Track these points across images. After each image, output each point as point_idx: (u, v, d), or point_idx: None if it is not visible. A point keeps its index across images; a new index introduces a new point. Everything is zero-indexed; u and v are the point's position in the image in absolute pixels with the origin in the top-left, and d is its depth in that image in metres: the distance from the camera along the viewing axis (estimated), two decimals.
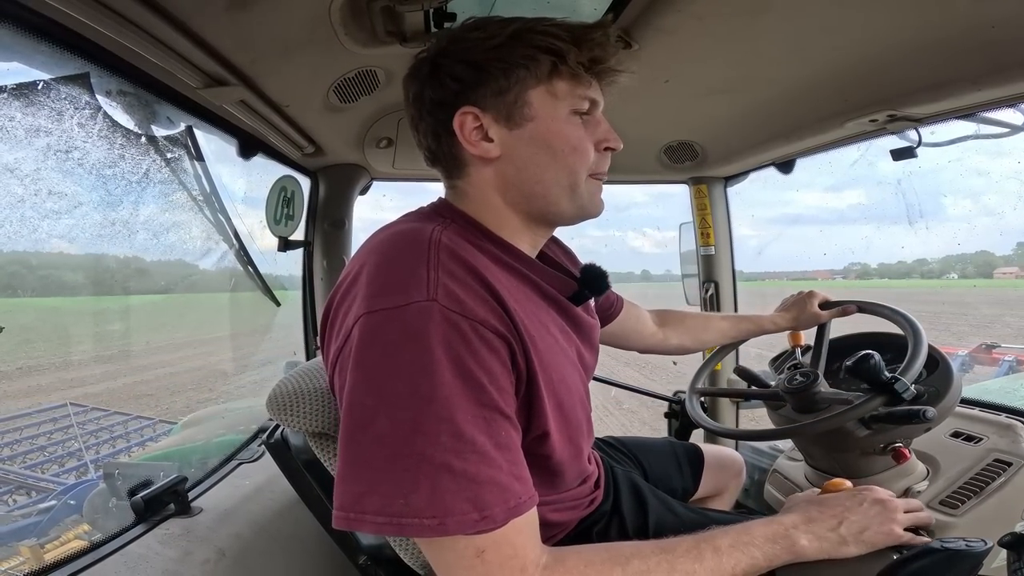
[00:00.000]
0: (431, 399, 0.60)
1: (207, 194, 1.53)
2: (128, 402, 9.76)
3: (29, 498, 3.00)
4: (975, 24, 1.10)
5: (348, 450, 0.63)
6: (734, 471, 1.56)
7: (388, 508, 0.59)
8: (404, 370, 0.61)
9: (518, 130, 0.77)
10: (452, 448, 0.60)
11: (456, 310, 0.63)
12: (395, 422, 0.60)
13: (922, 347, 1.28)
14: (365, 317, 0.64)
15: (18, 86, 0.94)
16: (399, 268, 0.67)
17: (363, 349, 0.63)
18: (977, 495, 1.32)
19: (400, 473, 0.59)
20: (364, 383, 0.62)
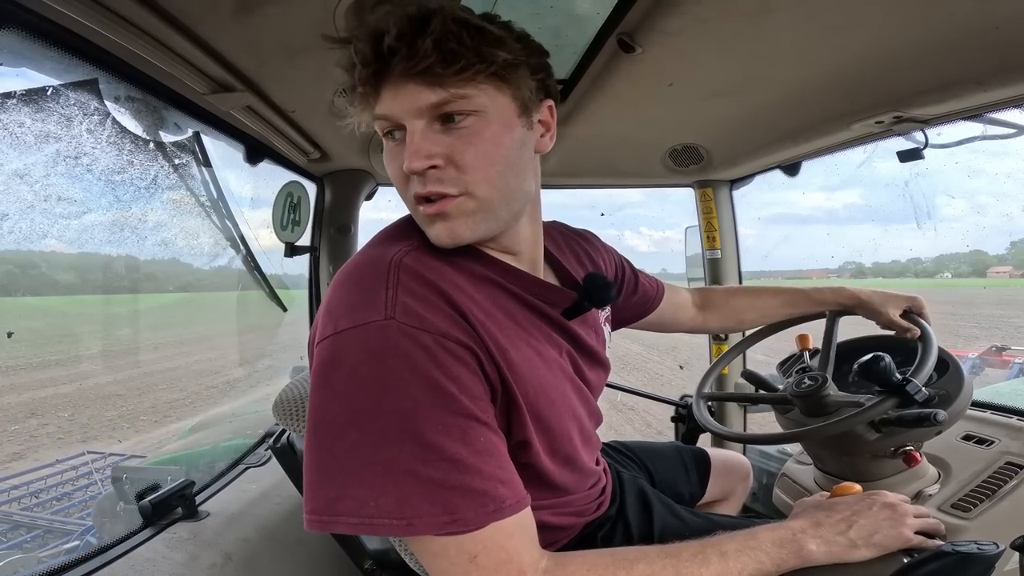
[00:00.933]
0: (394, 412, 0.62)
1: (214, 200, 1.54)
2: (96, 402, 9.86)
3: (57, 540, 3.08)
4: (981, 25, 1.10)
5: (319, 459, 0.65)
6: (741, 475, 1.56)
7: (360, 510, 0.61)
8: (367, 387, 0.63)
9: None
10: (418, 456, 0.62)
11: (416, 325, 0.65)
12: (363, 433, 0.62)
13: (932, 349, 1.27)
14: (331, 338, 0.67)
15: (27, 91, 0.95)
16: (360, 291, 0.70)
17: (329, 368, 0.66)
18: (989, 498, 1.30)
19: (370, 478, 0.62)
20: (333, 400, 0.65)
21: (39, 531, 3.08)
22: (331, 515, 0.62)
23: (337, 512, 0.62)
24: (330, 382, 0.65)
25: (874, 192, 72.70)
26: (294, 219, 1.91)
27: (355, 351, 0.65)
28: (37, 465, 4.16)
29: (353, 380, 0.64)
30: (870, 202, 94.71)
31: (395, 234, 0.82)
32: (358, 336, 0.65)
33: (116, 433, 8.27)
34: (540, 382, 0.78)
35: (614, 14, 1.28)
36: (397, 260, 0.72)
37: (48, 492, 3.82)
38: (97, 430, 8.51)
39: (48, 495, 3.78)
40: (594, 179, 2.38)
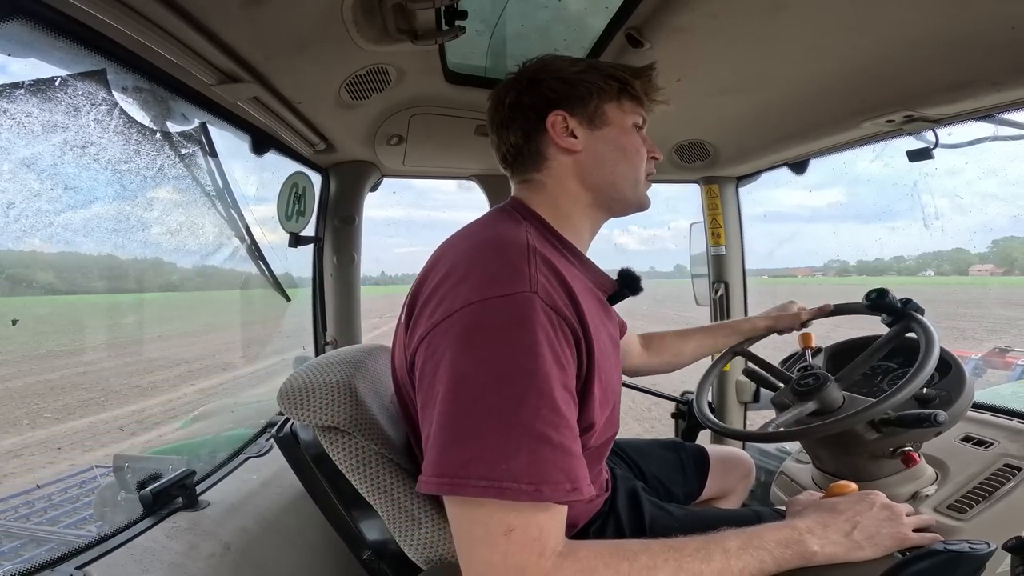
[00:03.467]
0: (534, 375, 0.67)
1: (220, 189, 1.55)
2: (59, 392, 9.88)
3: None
4: (995, 24, 1.09)
5: (453, 421, 0.67)
6: (742, 472, 1.56)
7: (491, 473, 0.64)
8: (512, 350, 0.68)
9: (599, 131, 0.96)
10: (550, 421, 0.66)
11: (549, 304, 0.72)
12: (502, 396, 0.66)
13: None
14: (477, 304, 0.71)
15: (36, 82, 0.95)
16: (506, 264, 0.76)
17: (473, 330, 0.70)
18: (986, 500, 1.31)
19: (504, 441, 0.65)
20: (473, 361, 0.68)
21: (52, 545, 3.13)
22: (461, 477, 0.64)
23: (468, 475, 0.64)
24: (473, 345, 0.69)
25: (856, 190, 72.87)
26: (299, 209, 1.92)
27: (501, 316, 0.70)
28: (46, 481, 4.20)
29: (497, 343, 0.68)
30: (853, 200, 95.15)
31: (506, 219, 0.93)
32: (505, 304, 0.70)
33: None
34: (610, 369, 0.86)
35: (623, 9, 1.28)
36: (532, 244, 0.80)
37: (56, 508, 3.86)
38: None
39: (57, 511, 3.82)
40: None
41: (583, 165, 0.96)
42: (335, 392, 0.93)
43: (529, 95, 0.96)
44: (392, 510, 0.90)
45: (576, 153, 0.95)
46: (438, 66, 1.53)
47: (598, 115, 0.96)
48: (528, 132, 0.96)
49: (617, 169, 0.98)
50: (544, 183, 0.97)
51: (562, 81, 0.96)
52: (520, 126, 0.97)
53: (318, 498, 1.01)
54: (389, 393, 1.13)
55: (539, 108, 0.95)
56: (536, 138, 0.96)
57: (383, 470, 0.91)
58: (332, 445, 0.92)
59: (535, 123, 0.95)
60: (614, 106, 0.98)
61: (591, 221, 1.01)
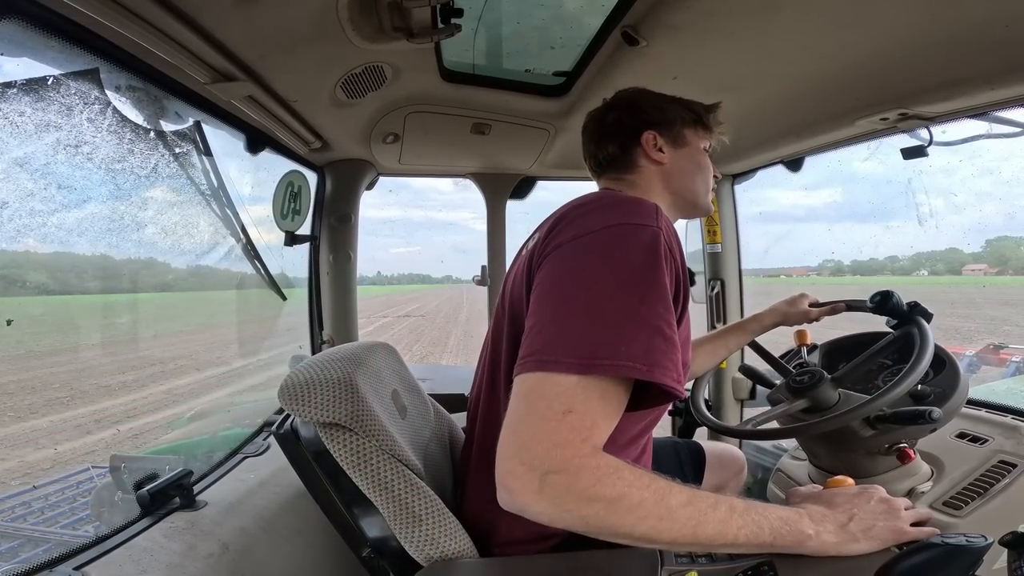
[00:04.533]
0: (654, 284, 0.79)
1: (214, 188, 1.54)
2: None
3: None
4: (989, 22, 1.09)
5: (588, 314, 0.77)
6: (735, 469, 1.57)
7: (615, 354, 0.73)
8: (639, 263, 0.80)
9: (681, 150, 1.17)
10: (665, 319, 0.77)
11: (667, 245, 0.84)
12: (628, 295, 0.77)
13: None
14: (614, 227, 0.84)
15: (28, 81, 0.94)
16: (637, 208, 0.88)
17: (611, 246, 0.82)
18: (981, 496, 1.32)
19: (627, 330, 0.75)
20: (608, 269, 0.80)
21: (49, 545, 3.12)
22: (591, 357, 0.72)
23: (596, 355, 0.72)
24: (610, 256, 0.81)
25: (850, 189, 72.81)
26: (294, 208, 1.91)
27: (636, 238, 0.82)
28: (42, 482, 4.18)
29: (630, 257, 0.80)
30: (848, 199, 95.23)
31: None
32: (638, 230, 0.83)
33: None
34: (687, 324, 1.01)
35: (619, 7, 1.28)
36: (658, 207, 0.90)
37: (54, 508, 3.84)
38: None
39: (54, 511, 3.80)
40: None
41: (667, 174, 1.16)
42: (336, 388, 0.93)
43: (628, 116, 1.17)
44: (393, 507, 0.90)
45: (662, 165, 1.15)
46: (434, 64, 1.53)
47: (680, 137, 1.17)
48: (625, 145, 1.16)
49: (694, 180, 1.19)
50: (635, 182, 1.16)
51: (655, 108, 1.17)
52: (619, 140, 1.17)
53: (318, 495, 1.01)
54: (389, 390, 1.14)
55: (636, 127, 1.15)
56: (631, 150, 1.16)
57: (384, 467, 0.91)
58: (333, 441, 0.92)
59: (631, 138, 1.16)
60: (691, 131, 1.19)
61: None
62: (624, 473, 0.71)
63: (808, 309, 1.58)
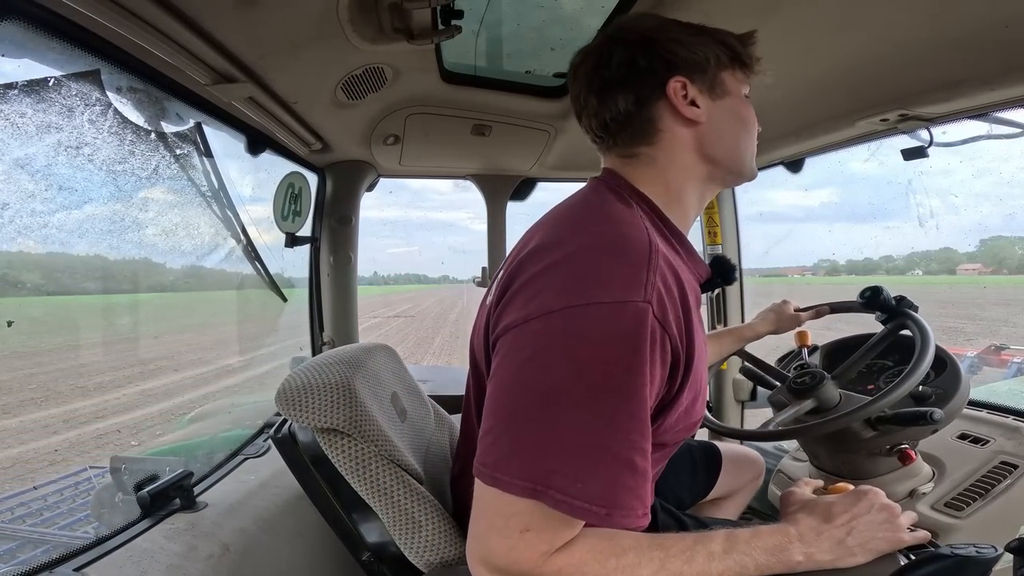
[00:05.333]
0: (630, 397, 0.64)
1: (215, 190, 1.54)
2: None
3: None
4: (989, 23, 1.09)
5: (542, 428, 0.65)
6: (753, 473, 1.54)
7: (568, 488, 0.62)
8: (612, 366, 0.64)
9: (720, 101, 0.88)
10: (638, 446, 0.64)
11: (659, 318, 0.67)
12: (593, 413, 0.63)
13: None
14: (583, 308, 0.66)
15: (30, 82, 0.94)
16: (623, 266, 0.69)
17: (575, 338, 0.65)
18: (983, 497, 1.31)
19: (586, 461, 0.63)
20: (568, 370, 0.64)
21: (48, 546, 3.12)
22: (544, 485, 0.63)
23: (550, 484, 0.63)
24: (573, 353, 0.65)
25: (848, 190, 72.70)
26: (295, 210, 1.91)
27: (608, 328, 0.65)
28: (40, 482, 4.19)
29: (598, 356, 0.64)
30: (846, 200, 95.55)
31: (614, 200, 0.84)
32: (614, 313, 0.65)
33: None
34: (703, 366, 0.81)
35: (618, 8, 1.28)
36: (655, 245, 0.72)
37: (52, 509, 3.84)
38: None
39: (52, 512, 3.80)
40: (595, 173, 2.38)
41: (705, 137, 0.88)
42: (334, 393, 0.93)
43: (645, 56, 0.85)
44: (392, 512, 0.90)
45: (697, 124, 0.87)
46: (434, 65, 1.53)
47: (718, 83, 0.88)
48: (643, 98, 0.86)
49: (740, 141, 0.93)
50: (654, 158, 0.88)
51: (681, 44, 0.86)
52: (634, 90, 0.85)
53: (317, 500, 1.01)
54: (389, 393, 1.13)
55: (658, 72, 0.85)
56: (652, 105, 0.86)
57: (383, 472, 0.91)
58: (331, 447, 0.92)
59: (653, 88, 0.85)
60: (729, 74, 0.90)
61: (701, 198, 0.94)
62: (588, 564, 0.68)
63: (797, 314, 1.59)
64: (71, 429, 7.98)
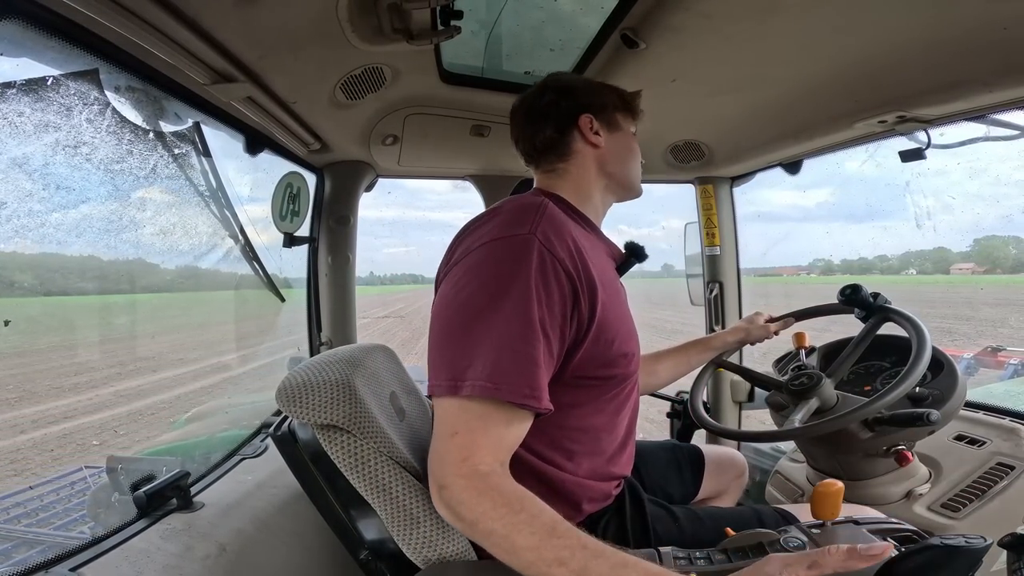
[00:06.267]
0: (516, 298, 0.82)
1: (213, 190, 1.54)
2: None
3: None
4: (987, 25, 1.09)
5: (459, 336, 0.84)
6: (736, 472, 1.56)
7: (474, 376, 0.79)
8: (503, 277, 0.85)
9: (615, 133, 1.20)
10: (520, 334, 0.81)
11: (546, 246, 0.88)
12: (494, 312, 0.82)
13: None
14: (487, 244, 0.90)
15: (28, 81, 0.94)
16: (515, 215, 0.94)
17: (479, 265, 0.88)
18: (979, 498, 1.32)
19: (475, 346, 0.81)
20: (479, 288, 0.86)
21: (44, 547, 3.11)
22: (460, 380, 0.80)
23: (464, 378, 0.79)
24: (478, 273, 0.87)
25: (845, 191, 72.82)
26: (293, 209, 1.91)
27: (501, 251, 0.88)
28: (36, 482, 4.19)
29: (493, 271, 0.86)
30: (840, 200, 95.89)
31: (529, 195, 1.08)
32: (506, 243, 0.89)
33: None
34: (619, 310, 1.04)
35: (618, 9, 1.28)
36: (543, 204, 0.97)
37: (48, 509, 3.84)
38: None
39: (47, 512, 3.79)
40: None
41: (603, 157, 1.18)
42: (334, 390, 0.93)
43: (564, 99, 1.17)
44: (391, 509, 0.90)
45: (599, 148, 1.17)
46: (433, 66, 1.53)
47: (614, 121, 1.20)
48: (562, 128, 1.16)
49: (627, 163, 1.23)
50: (568, 170, 1.17)
51: (590, 92, 1.19)
52: (555, 123, 1.16)
53: (315, 497, 1.01)
54: (388, 392, 1.13)
55: (572, 111, 1.16)
56: (568, 133, 1.16)
57: (382, 469, 0.91)
58: (331, 444, 0.92)
59: (568, 121, 1.16)
60: (623, 116, 1.22)
61: (603, 203, 1.23)
62: (485, 498, 0.74)
63: (767, 325, 1.64)
64: (38, 429, 8.06)
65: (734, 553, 0.80)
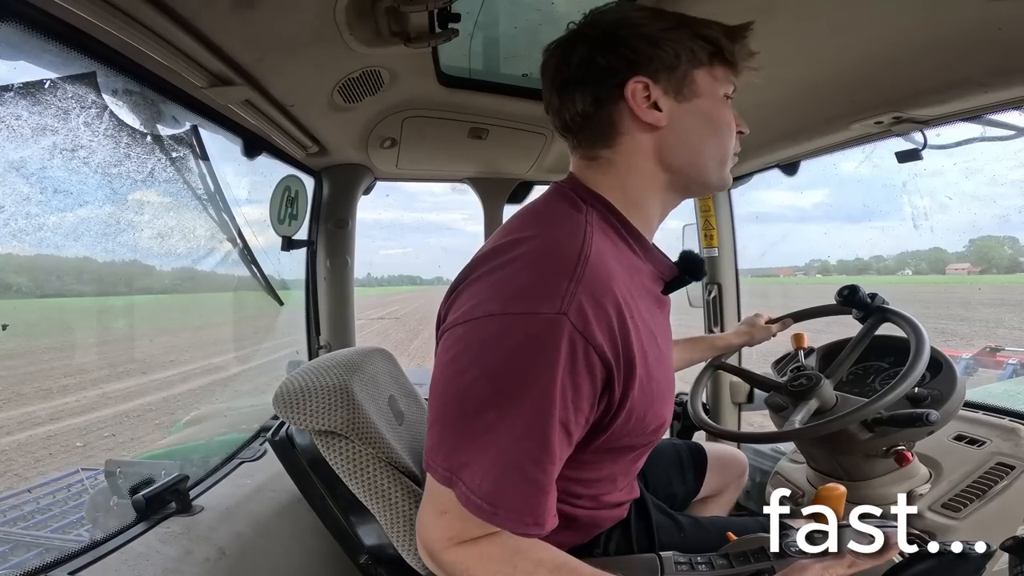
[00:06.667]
0: (536, 409, 0.66)
1: (211, 193, 1.54)
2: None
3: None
4: (983, 25, 1.10)
5: (453, 420, 0.70)
6: (737, 471, 1.55)
7: (471, 483, 0.67)
8: (521, 374, 0.66)
9: (688, 103, 0.82)
10: (534, 456, 0.67)
11: (580, 329, 0.66)
12: (499, 418, 0.66)
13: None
14: (498, 317, 0.68)
15: (25, 85, 0.94)
16: (543, 275, 0.70)
17: (488, 346, 0.68)
18: (979, 498, 1.32)
19: (486, 459, 0.67)
20: (482, 377, 0.67)
21: (41, 549, 3.10)
22: (457, 476, 0.68)
23: (461, 477, 0.68)
24: (484, 359, 0.68)
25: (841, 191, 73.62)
26: (291, 213, 1.91)
27: (519, 337, 0.66)
28: (32, 484, 4.18)
29: (508, 364, 0.66)
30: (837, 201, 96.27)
31: (566, 206, 0.83)
32: (526, 324, 0.67)
33: None
34: (660, 372, 0.81)
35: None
36: (586, 253, 0.72)
37: (45, 512, 3.83)
38: None
39: (44, 515, 3.78)
40: None
41: (665, 142, 0.83)
42: (332, 396, 0.93)
43: (604, 54, 0.80)
44: (390, 515, 0.89)
45: (658, 129, 0.81)
46: (431, 68, 1.53)
47: (687, 84, 0.81)
48: (600, 98, 0.82)
49: (705, 147, 0.86)
50: (612, 162, 0.84)
51: (645, 40, 0.79)
52: (591, 90, 0.82)
53: (314, 503, 1.01)
54: (386, 396, 1.13)
55: (616, 71, 0.80)
56: (609, 107, 0.82)
57: (381, 475, 0.91)
58: (329, 450, 0.91)
59: (610, 89, 0.80)
60: (705, 73, 0.83)
61: (663, 205, 0.90)
62: (478, 565, 0.71)
63: (769, 326, 1.62)
64: (24, 430, 8.07)
65: (735, 558, 0.80)
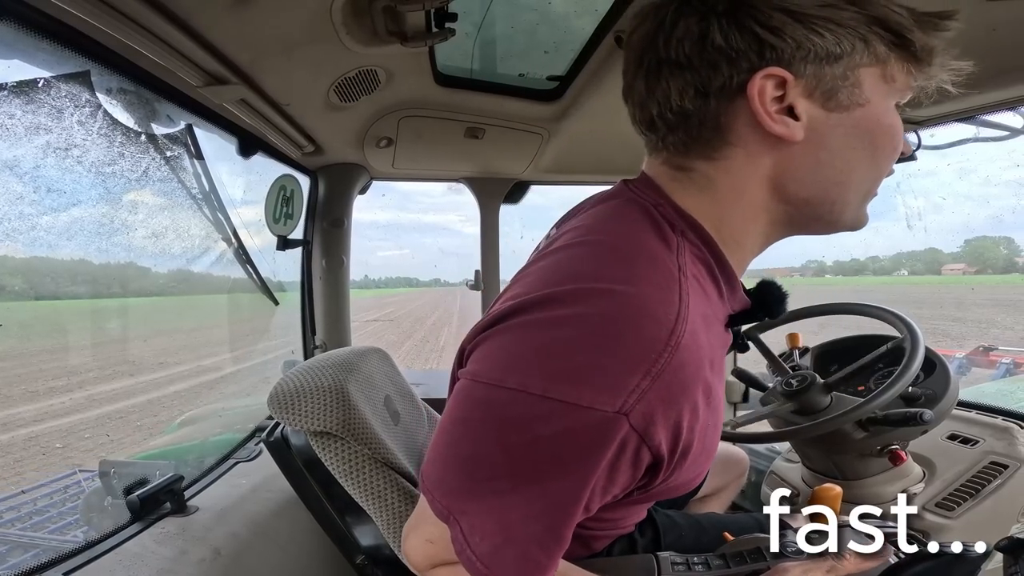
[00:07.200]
0: (555, 498, 0.54)
1: (206, 192, 1.53)
2: None
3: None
4: (977, 27, 1.10)
5: (462, 472, 0.58)
6: (738, 470, 1.55)
7: (469, 534, 0.57)
8: (548, 465, 0.52)
9: (839, 113, 0.58)
10: (541, 541, 0.56)
11: (640, 429, 0.51)
12: (513, 488, 0.54)
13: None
14: (537, 400, 0.51)
15: (18, 83, 0.94)
16: (614, 357, 0.51)
17: (514, 428, 0.53)
18: (973, 497, 1.32)
19: (488, 521, 0.56)
20: (499, 447, 0.54)
21: (38, 550, 3.10)
22: (455, 519, 0.58)
23: (459, 521, 0.58)
24: (506, 438, 0.53)
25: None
26: (287, 212, 1.90)
27: (557, 427, 0.51)
28: (29, 486, 4.18)
29: (536, 449, 0.52)
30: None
31: (651, 236, 0.61)
32: (572, 416, 0.50)
33: None
34: (709, 441, 0.63)
35: (612, 11, 1.28)
36: (678, 336, 0.52)
37: (41, 513, 3.82)
38: None
39: (42, 516, 3.78)
40: (589, 175, 2.38)
41: (793, 164, 0.60)
42: (327, 396, 0.92)
43: (726, 30, 0.57)
44: (386, 515, 0.89)
45: (788, 145, 0.58)
46: (428, 68, 1.53)
47: (847, 85, 0.57)
48: (709, 91, 0.59)
49: (854, 176, 0.61)
50: (712, 181, 0.62)
51: (793, 17, 0.55)
52: (699, 79, 0.58)
53: (310, 503, 1.01)
54: (382, 396, 1.13)
55: (740, 57, 0.57)
56: (720, 105, 0.59)
57: (376, 475, 0.90)
58: (324, 450, 0.91)
59: (728, 79, 0.58)
60: (876, 73, 0.58)
61: (765, 240, 0.68)
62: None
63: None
64: (6, 432, 8.13)
65: (732, 558, 0.80)
